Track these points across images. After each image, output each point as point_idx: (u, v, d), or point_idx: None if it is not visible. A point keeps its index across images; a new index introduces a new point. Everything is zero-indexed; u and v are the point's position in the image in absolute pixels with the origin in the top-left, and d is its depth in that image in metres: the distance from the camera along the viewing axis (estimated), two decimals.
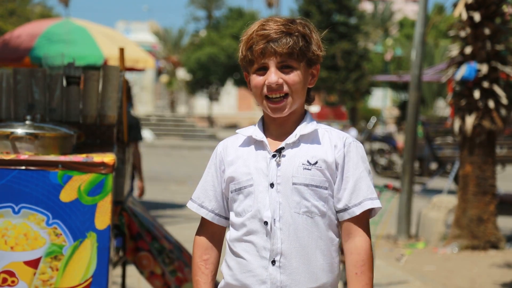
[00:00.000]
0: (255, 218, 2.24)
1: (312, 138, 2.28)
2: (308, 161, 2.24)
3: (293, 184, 2.22)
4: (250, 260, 2.24)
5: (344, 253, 2.29)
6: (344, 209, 2.26)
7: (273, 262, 2.21)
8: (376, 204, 2.26)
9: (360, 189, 2.26)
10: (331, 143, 2.28)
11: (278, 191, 2.23)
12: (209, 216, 2.34)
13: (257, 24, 2.28)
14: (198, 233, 2.38)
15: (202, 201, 2.35)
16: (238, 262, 2.26)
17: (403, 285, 6.70)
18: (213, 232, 2.36)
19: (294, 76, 2.24)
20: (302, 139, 2.27)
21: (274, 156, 2.26)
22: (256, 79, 2.26)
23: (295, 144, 2.27)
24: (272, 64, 2.23)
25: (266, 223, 2.22)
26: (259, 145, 2.29)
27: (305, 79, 2.28)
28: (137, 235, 4.13)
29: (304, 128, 2.28)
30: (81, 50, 9.09)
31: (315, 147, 2.27)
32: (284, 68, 2.24)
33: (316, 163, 2.24)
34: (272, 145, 2.28)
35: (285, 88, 2.23)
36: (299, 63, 2.25)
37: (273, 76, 2.23)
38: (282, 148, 2.26)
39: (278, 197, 2.22)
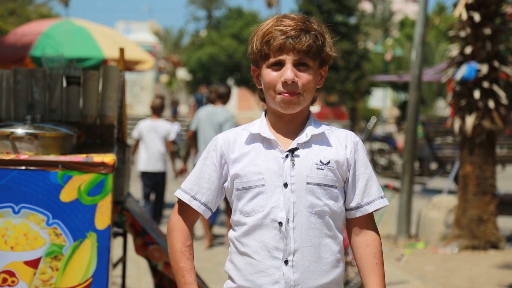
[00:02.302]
0: (267, 219, 2.23)
1: (321, 139, 2.30)
2: (321, 161, 2.26)
3: (307, 184, 2.24)
4: (261, 260, 2.23)
5: (354, 246, 2.33)
6: (357, 207, 2.32)
7: (286, 261, 2.22)
8: (386, 202, 2.36)
9: (372, 188, 2.33)
10: (340, 143, 2.31)
11: (292, 191, 2.23)
12: (200, 209, 2.32)
13: (273, 20, 2.28)
14: (179, 219, 2.33)
15: (195, 193, 2.32)
16: (247, 263, 2.25)
17: (403, 285, 6.70)
18: (193, 220, 2.36)
19: (308, 75, 2.25)
20: (312, 139, 2.29)
21: (287, 156, 2.25)
22: (270, 74, 2.25)
23: (307, 144, 2.28)
24: (289, 60, 2.23)
25: (280, 223, 2.22)
26: (268, 143, 2.28)
27: (316, 79, 2.29)
28: (142, 231, 4.13)
29: (314, 128, 2.30)
30: (82, 51, 9.08)
31: (325, 148, 2.29)
32: (299, 65, 2.24)
33: (328, 163, 2.27)
34: (282, 143, 2.28)
35: (299, 85, 2.24)
36: (314, 62, 2.26)
37: (290, 72, 2.23)
38: (295, 148, 2.26)
39: (292, 197, 2.23)
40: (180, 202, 2.35)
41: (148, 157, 8.86)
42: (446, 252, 8.15)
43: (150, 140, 8.85)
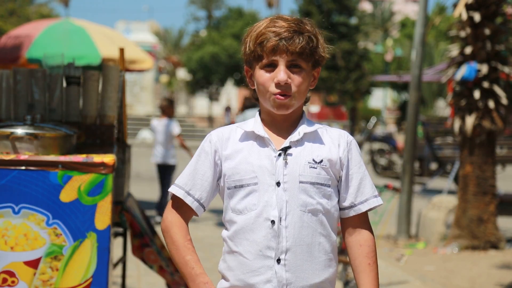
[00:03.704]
0: (260, 217, 2.23)
1: (314, 137, 2.30)
2: (313, 160, 2.26)
3: (300, 182, 2.24)
4: (253, 260, 2.23)
5: (348, 246, 2.32)
6: (350, 207, 2.32)
7: (278, 260, 2.21)
8: (379, 201, 2.35)
9: (365, 187, 2.33)
10: (333, 142, 2.31)
11: (285, 190, 2.23)
12: (194, 205, 2.30)
13: (266, 21, 2.28)
14: (175, 215, 2.31)
15: (189, 188, 2.31)
16: (240, 262, 2.25)
17: (403, 285, 6.70)
18: (189, 216, 2.34)
19: (301, 77, 2.25)
20: (305, 137, 2.29)
21: (279, 154, 2.25)
22: (264, 76, 2.26)
23: (299, 142, 2.28)
24: (282, 62, 2.24)
25: (273, 222, 2.22)
26: (261, 141, 2.28)
27: (309, 80, 2.29)
28: (140, 233, 4.13)
29: (306, 127, 2.30)
30: (79, 50, 9.07)
31: (319, 146, 2.29)
32: (292, 67, 2.25)
33: (321, 161, 2.27)
34: (275, 142, 2.28)
35: (292, 87, 2.24)
36: (307, 63, 2.27)
37: (283, 74, 2.23)
38: (288, 147, 2.26)
39: (285, 196, 2.23)
40: (175, 198, 2.33)
41: (158, 152, 10.20)
42: (446, 252, 8.15)
43: (158, 137, 10.21)
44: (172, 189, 2.34)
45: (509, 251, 8.22)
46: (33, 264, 3.32)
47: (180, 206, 2.33)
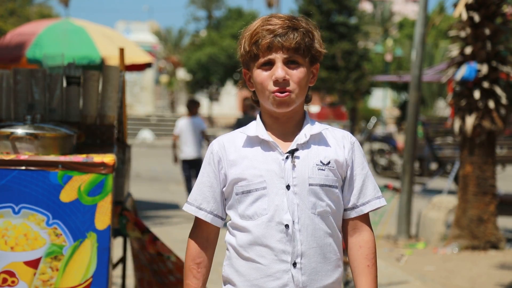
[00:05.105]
0: (272, 222, 2.21)
1: (319, 139, 2.29)
2: (321, 162, 2.25)
3: (310, 185, 2.22)
4: (268, 265, 2.21)
5: (348, 247, 2.32)
6: (352, 208, 2.31)
7: (294, 264, 2.20)
8: (382, 202, 2.34)
9: (367, 188, 2.32)
10: (338, 143, 2.30)
11: (295, 193, 2.21)
12: (208, 218, 2.30)
13: (260, 20, 2.26)
14: (193, 235, 2.34)
15: (200, 203, 2.31)
16: (253, 268, 2.23)
17: (403, 285, 6.70)
18: (208, 233, 2.33)
19: (299, 72, 2.23)
20: (311, 139, 2.27)
21: (287, 157, 2.23)
22: (261, 75, 2.23)
23: (306, 144, 2.26)
24: (278, 59, 2.21)
25: (287, 226, 2.20)
26: (266, 145, 2.26)
27: (308, 76, 2.27)
28: (147, 228, 4.12)
29: (311, 128, 2.28)
30: (78, 50, 9.06)
31: (325, 148, 2.27)
32: (290, 63, 2.22)
33: (328, 163, 2.25)
34: (280, 145, 2.26)
35: (291, 84, 2.22)
36: (304, 59, 2.24)
37: (280, 71, 2.20)
38: (295, 149, 2.24)
39: (296, 199, 2.21)
40: (195, 218, 2.34)
41: (187, 148, 10.95)
42: (446, 252, 8.15)
43: (187, 134, 10.96)
44: (185, 207, 2.35)
45: (509, 251, 8.22)
46: (33, 264, 3.32)
47: (198, 223, 2.34)
